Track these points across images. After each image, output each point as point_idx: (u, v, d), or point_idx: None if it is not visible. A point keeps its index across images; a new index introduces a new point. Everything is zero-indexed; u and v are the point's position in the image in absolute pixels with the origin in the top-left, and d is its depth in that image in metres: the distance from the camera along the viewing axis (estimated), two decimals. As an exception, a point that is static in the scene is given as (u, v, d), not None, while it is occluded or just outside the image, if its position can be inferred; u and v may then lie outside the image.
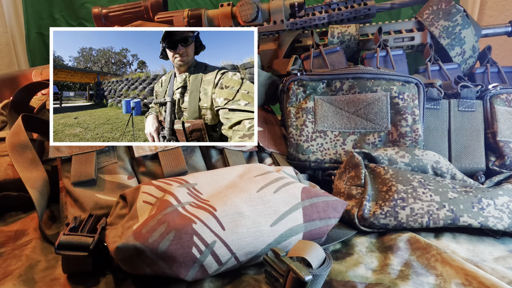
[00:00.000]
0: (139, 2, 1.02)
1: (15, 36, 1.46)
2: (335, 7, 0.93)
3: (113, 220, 0.52)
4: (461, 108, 0.77)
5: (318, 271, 0.43)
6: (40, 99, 0.90)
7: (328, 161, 0.73)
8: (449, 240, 0.58)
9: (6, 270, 0.51)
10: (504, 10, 1.31)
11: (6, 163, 0.68)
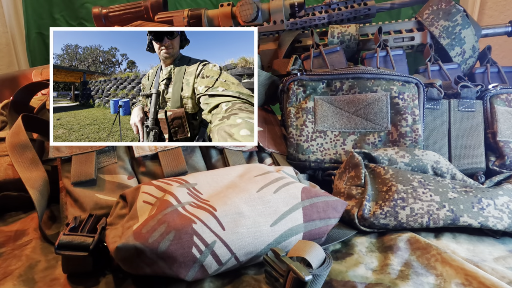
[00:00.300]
0: (139, 2, 1.02)
1: (15, 36, 1.46)
2: (335, 7, 0.93)
3: (113, 220, 0.52)
4: (461, 108, 0.77)
5: (318, 271, 0.43)
6: (40, 99, 0.90)
7: (328, 161, 0.73)
8: (449, 240, 0.58)
9: (6, 270, 0.51)
10: (504, 10, 1.31)
11: (6, 163, 0.68)
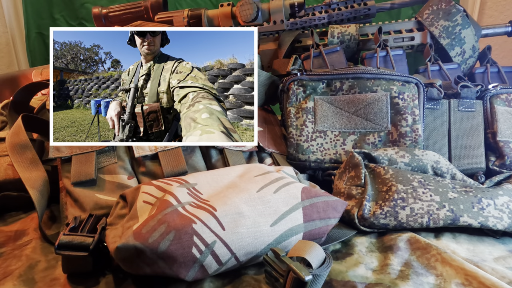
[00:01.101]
0: (139, 2, 1.02)
1: (15, 36, 1.46)
2: (335, 7, 0.93)
3: (113, 220, 0.52)
4: (461, 108, 0.77)
5: (318, 271, 0.43)
6: (40, 99, 0.90)
7: (328, 161, 0.73)
8: (449, 240, 0.58)
9: (6, 270, 0.51)
10: (504, 10, 1.31)
11: (6, 163, 0.68)
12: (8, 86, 1.01)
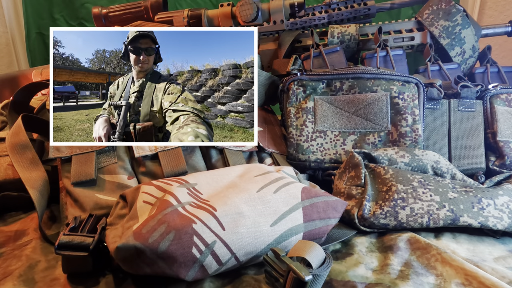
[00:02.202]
0: (139, 2, 1.02)
1: (15, 36, 1.46)
2: (335, 7, 0.93)
3: (113, 220, 0.52)
4: (461, 108, 0.77)
5: (318, 271, 0.43)
6: (40, 99, 0.90)
7: (328, 161, 0.73)
8: (449, 240, 0.58)
9: (6, 270, 0.51)
10: (504, 10, 1.31)
11: (6, 163, 0.68)
12: (8, 86, 1.01)
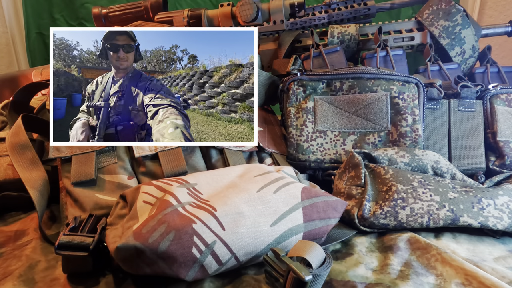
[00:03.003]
0: (139, 2, 1.02)
1: (15, 36, 1.46)
2: (335, 7, 0.93)
3: (113, 220, 0.52)
4: (461, 108, 0.77)
5: (318, 271, 0.43)
6: (40, 99, 0.90)
7: (328, 161, 0.73)
8: (449, 240, 0.58)
9: (6, 270, 0.51)
10: (504, 10, 1.31)
11: (6, 163, 0.68)
12: (8, 86, 1.01)
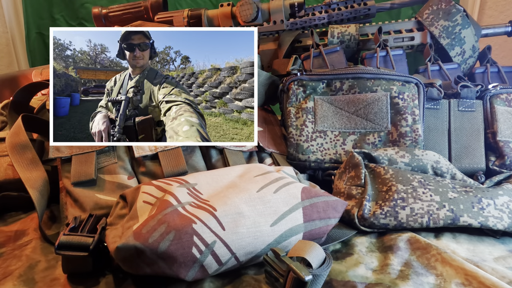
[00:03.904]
0: (139, 2, 1.02)
1: (15, 36, 1.46)
2: (335, 7, 0.93)
3: (113, 220, 0.52)
4: (461, 108, 0.77)
5: (318, 271, 0.43)
6: (40, 99, 0.90)
7: (328, 161, 0.73)
8: (449, 240, 0.58)
9: (6, 270, 0.51)
10: (504, 10, 1.31)
11: (6, 163, 0.68)
12: (8, 86, 1.01)
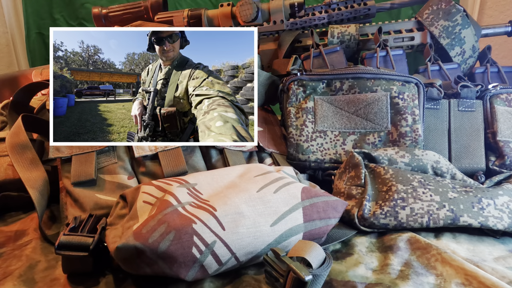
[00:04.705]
0: (139, 2, 1.02)
1: (15, 36, 1.46)
2: (335, 7, 0.93)
3: (113, 220, 0.52)
4: (461, 108, 0.77)
5: (318, 271, 0.43)
6: (40, 99, 0.90)
7: (328, 161, 0.73)
8: (449, 240, 0.58)
9: (6, 270, 0.51)
10: (504, 10, 1.31)
11: (6, 163, 0.68)
12: (8, 86, 1.01)
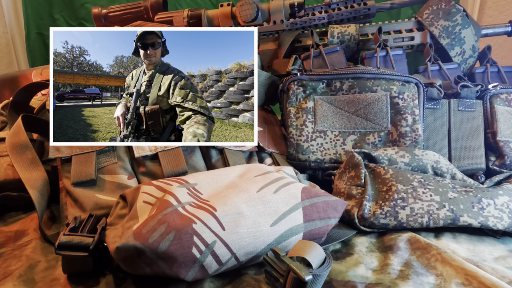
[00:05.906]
0: (139, 2, 1.02)
1: (15, 36, 1.46)
2: (335, 7, 0.93)
3: (113, 220, 0.52)
4: (461, 108, 0.77)
5: (318, 271, 0.43)
6: (40, 99, 0.90)
7: (328, 161, 0.73)
8: (449, 240, 0.58)
9: (6, 271, 0.51)
10: (504, 10, 1.31)
11: (6, 163, 0.68)
12: (8, 86, 1.01)
